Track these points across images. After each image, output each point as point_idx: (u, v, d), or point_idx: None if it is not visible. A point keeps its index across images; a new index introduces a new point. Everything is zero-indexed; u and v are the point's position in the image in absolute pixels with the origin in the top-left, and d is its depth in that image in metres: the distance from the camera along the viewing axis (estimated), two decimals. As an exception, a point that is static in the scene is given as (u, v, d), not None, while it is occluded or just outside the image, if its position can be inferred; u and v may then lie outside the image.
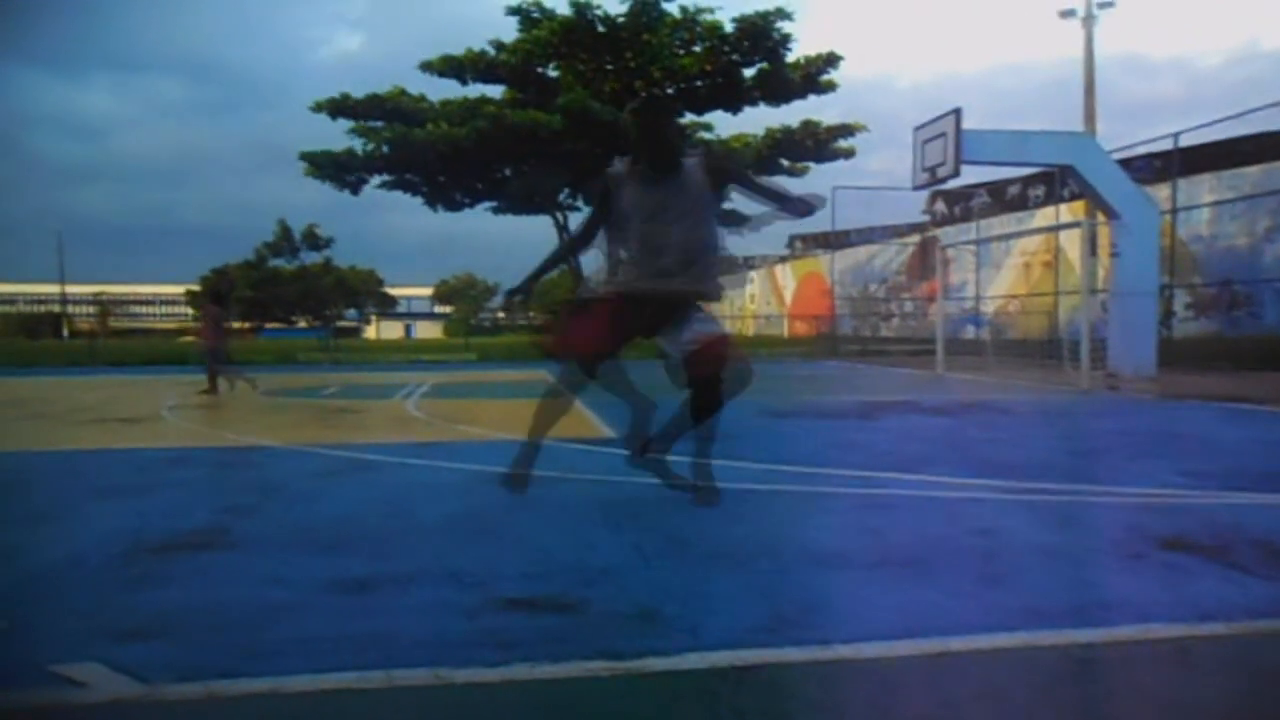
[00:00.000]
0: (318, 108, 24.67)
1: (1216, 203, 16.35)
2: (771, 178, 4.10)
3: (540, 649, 2.25)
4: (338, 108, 24.70)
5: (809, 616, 2.57)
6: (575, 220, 28.03)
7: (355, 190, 26.22)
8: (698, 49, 24.41)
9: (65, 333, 59.58)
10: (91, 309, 73.74)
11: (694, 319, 3.96)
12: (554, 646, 2.28)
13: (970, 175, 14.73)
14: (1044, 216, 20.93)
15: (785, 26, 23.51)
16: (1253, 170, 15.74)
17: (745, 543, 3.46)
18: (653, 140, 3.90)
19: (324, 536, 3.58)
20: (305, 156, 25.06)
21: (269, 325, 54.88)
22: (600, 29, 23.63)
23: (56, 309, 67.75)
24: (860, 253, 31.48)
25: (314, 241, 46.95)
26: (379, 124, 24.79)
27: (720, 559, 3.21)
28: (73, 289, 67.12)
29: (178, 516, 4.01)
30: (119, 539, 3.54)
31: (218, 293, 14.41)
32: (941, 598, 2.71)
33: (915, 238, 28.82)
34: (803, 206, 4.03)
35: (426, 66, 24.79)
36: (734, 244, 4.38)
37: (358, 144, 24.85)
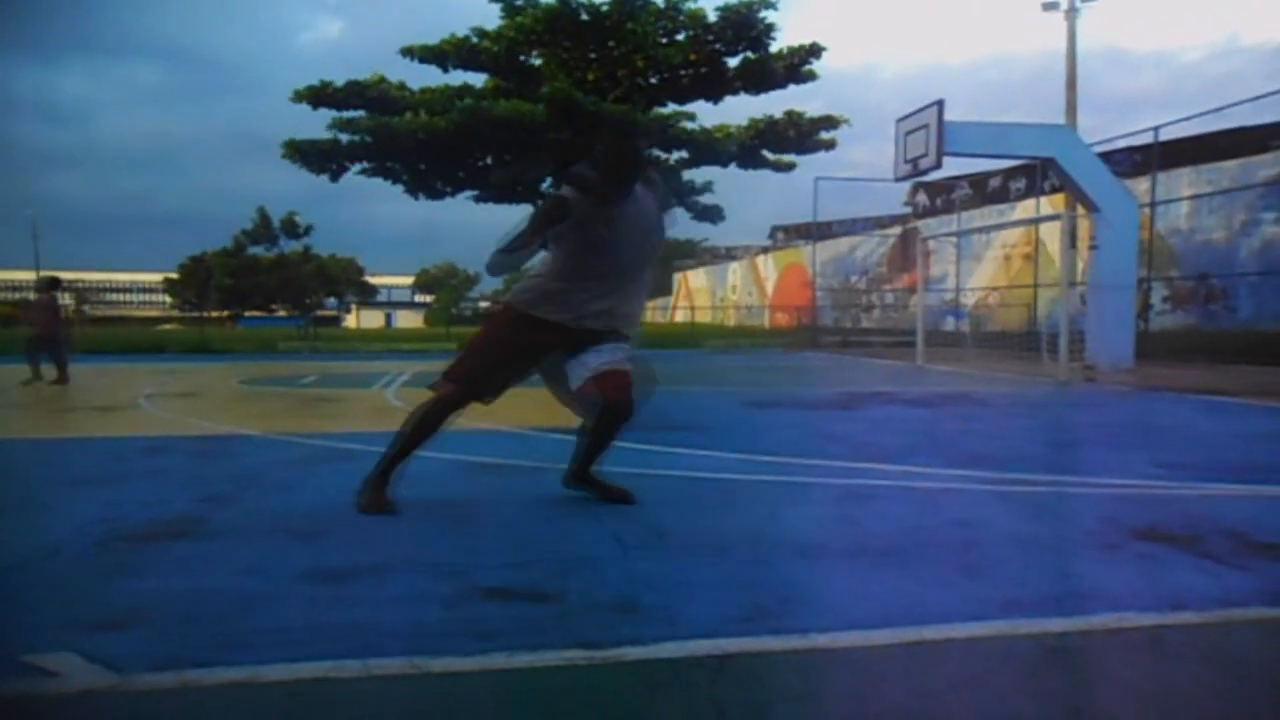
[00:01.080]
0: (297, 98, 24.40)
1: (1195, 196, 16.48)
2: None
3: (518, 638, 2.25)
4: (318, 96, 24.43)
5: (787, 606, 2.58)
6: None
7: (335, 177, 25.97)
8: (681, 38, 24.32)
9: (41, 320, 58.87)
10: (67, 297, 73.00)
11: (605, 345, 3.77)
12: (531, 636, 2.28)
13: (952, 167, 14.82)
14: (1024, 209, 21.04)
15: (769, 16, 23.49)
16: (1230, 165, 15.87)
17: (724, 533, 3.46)
18: (629, 166, 3.65)
19: (302, 526, 3.55)
20: (288, 145, 24.81)
21: (248, 314, 54.43)
22: (584, 17, 23.50)
23: (31, 296, 67.06)
24: (842, 244, 31.55)
25: (293, 229, 46.49)
26: (359, 113, 24.57)
27: (699, 549, 3.22)
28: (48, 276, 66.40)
29: (154, 506, 3.98)
30: (94, 528, 3.50)
31: (53, 280, 14.15)
32: (919, 587, 2.73)
33: (897, 229, 28.92)
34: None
35: (407, 52, 24.54)
36: (715, 232, 4.35)
37: (340, 136, 24.63)
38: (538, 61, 24.89)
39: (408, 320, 76.99)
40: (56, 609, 2.55)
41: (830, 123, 25.56)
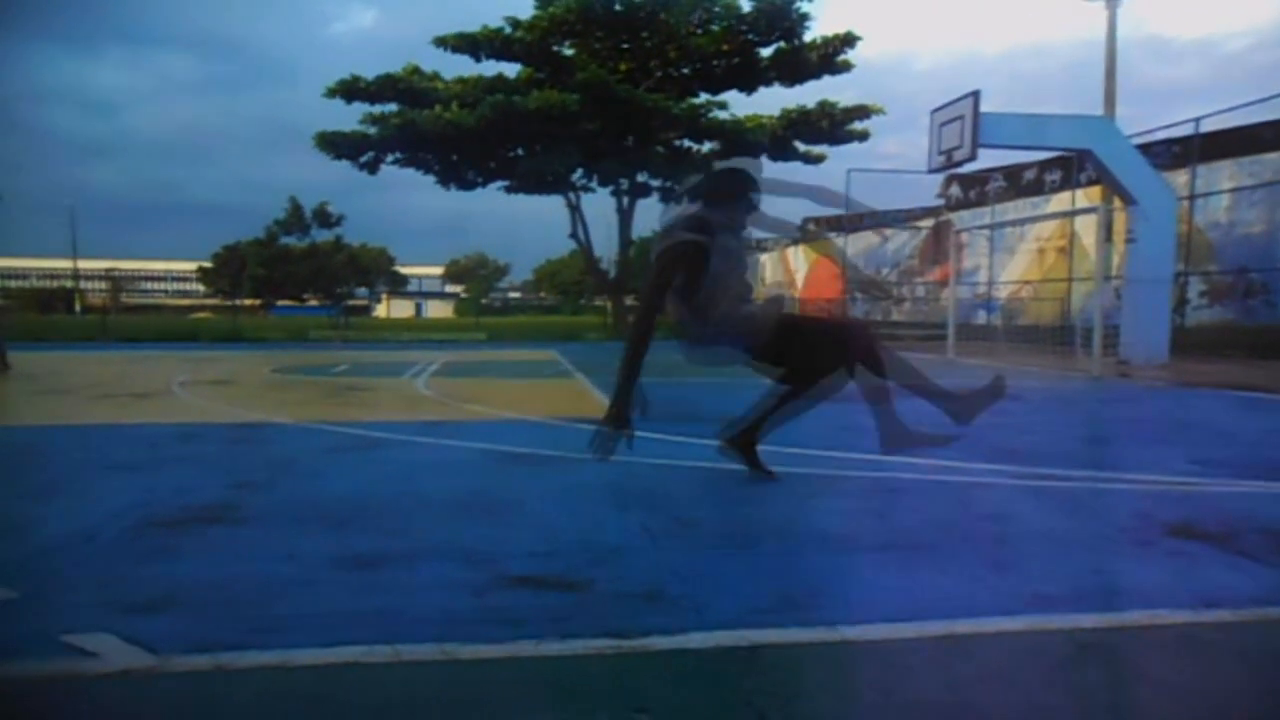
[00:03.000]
0: (330, 93, 24.60)
1: (1236, 189, 16.18)
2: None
3: (546, 627, 2.27)
4: (350, 90, 24.62)
5: (815, 598, 2.58)
6: (587, 201, 27.94)
7: (373, 169, 26.21)
8: (715, 28, 24.23)
9: (77, 308, 59.88)
10: (103, 284, 74.14)
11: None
12: (560, 624, 2.29)
13: (986, 159, 14.62)
14: (1059, 202, 20.75)
15: (803, 6, 23.33)
16: (1273, 156, 15.55)
17: (753, 524, 3.46)
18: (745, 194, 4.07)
19: (333, 513, 3.59)
20: (320, 138, 25.01)
21: (280, 303, 55.01)
22: (618, 7, 23.46)
23: (69, 284, 68.09)
24: (873, 236, 31.30)
25: (325, 219, 46.93)
26: (390, 107, 24.72)
27: (727, 540, 3.22)
28: (85, 264, 67.48)
29: (188, 492, 4.04)
30: (130, 513, 3.56)
31: None
32: (949, 581, 2.72)
33: (929, 222, 28.65)
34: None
35: (440, 42, 24.66)
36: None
37: (371, 130, 24.80)
38: (570, 51, 24.88)
39: (437, 310, 77.50)
40: (94, 591, 2.60)
41: (863, 112, 25.39)
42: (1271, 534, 3.27)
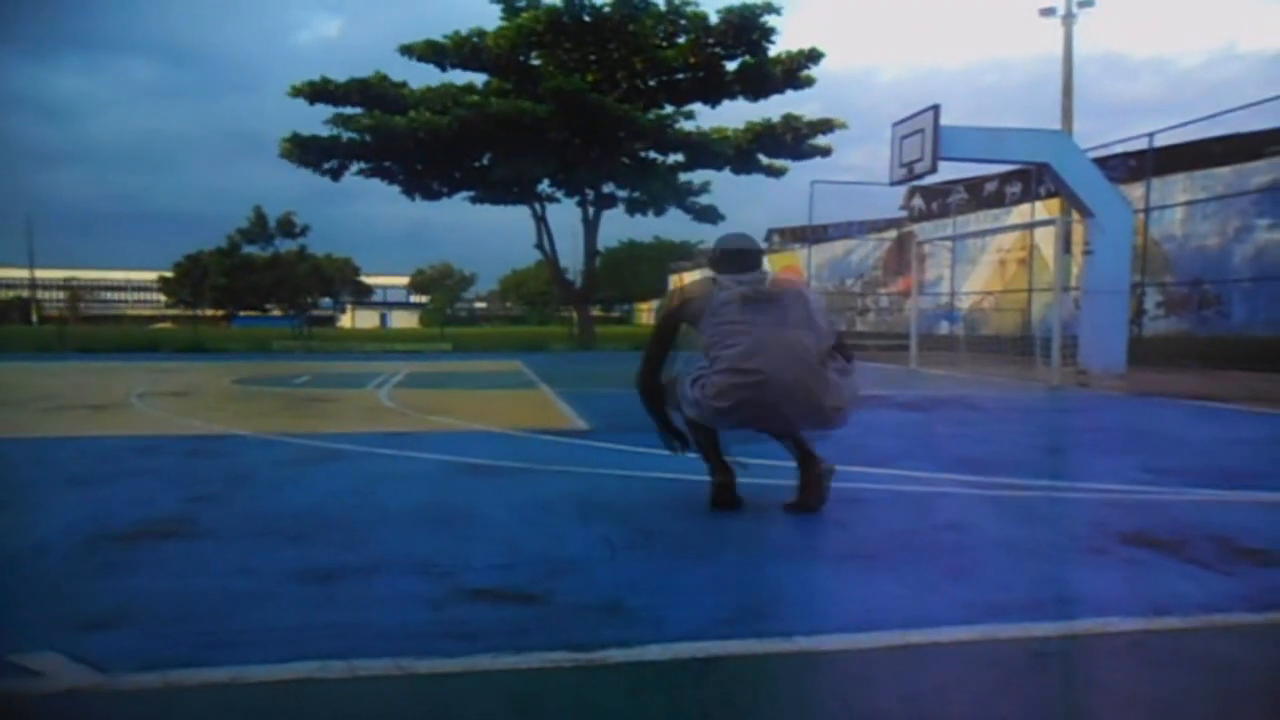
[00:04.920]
0: (296, 92, 24.35)
1: (1189, 202, 16.52)
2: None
3: (504, 640, 2.26)
4: (317, 92, 24.41)
5: (773, 609, 2.59)
6: (553, 212, 27.87)
7: (336, 176, 25.97)
8: (681, 40, 24.34)
9: (34, 318, 58.69)
10: (61, 294, 72.75)
11: None
12: (518, 637, 2.28)
13: (948, 171, 14.83)
14: (1020, 214, 21.07)
15: (770, 20, 23.50)
16: (1225, 171, 15.91)
17: (712, 535, 3.47)
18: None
19: (291, 526, 3.56)
20: (289, 141, 24.73)
21: (242, 313, 54.31)
22: (585, 18, 23.49)
23: (25, 294, 66.73)
24: (837, 247, 31.57)
25: (289, 229, 46.30)
26: (358, 110, 24.55)
27: (687, 551, 3.22)
28: (42, 274, 66.09)
29: (144, 505, 3.98)
30: (84, 527, 3.50)
31: None
32: (905, 591, 2.74)
33: (892, 233, 28.95)
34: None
35: (406, 50, 24.52)
36: (713, 233, 4.37)
37: (339, 133, 24.60)
38: (537, 62, 24.87)
39: (403, 320, 76.99)
40: (43, 608, 2.55)
41: (827, 126, 25.58)
42: (1222, 541, 3.33)
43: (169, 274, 57.26)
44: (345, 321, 73.51)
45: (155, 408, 8.59)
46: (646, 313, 53.41)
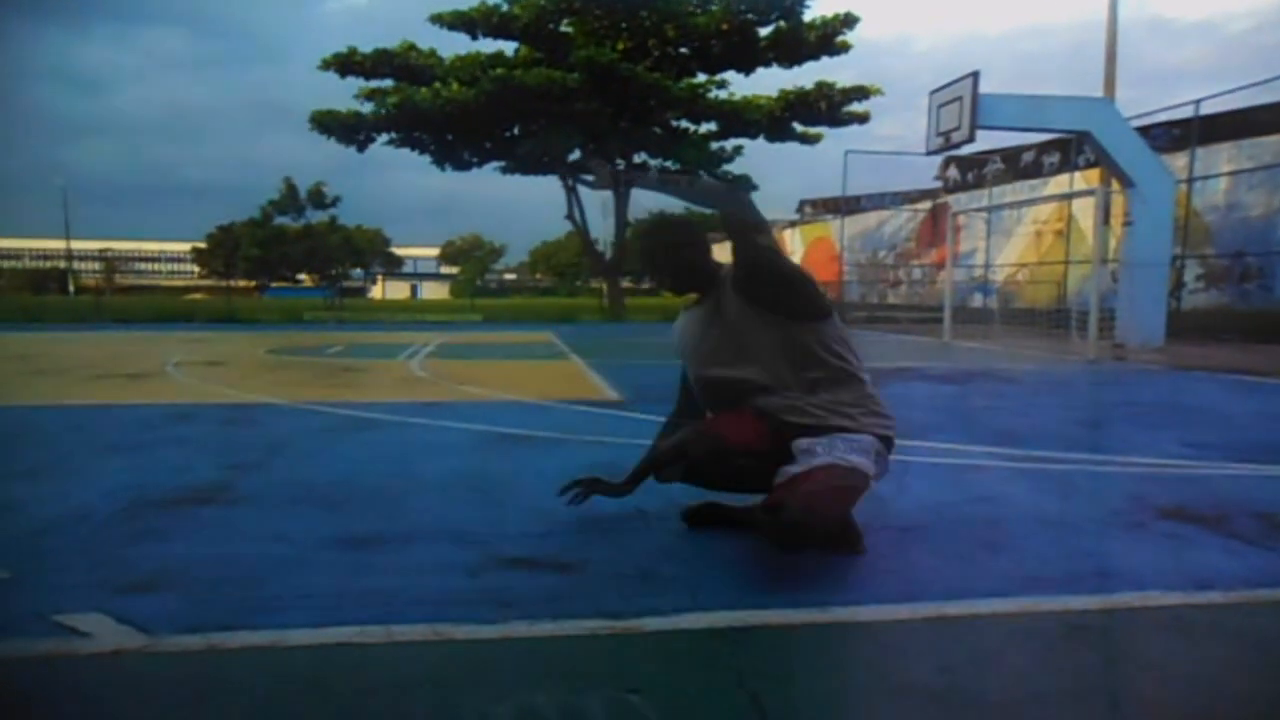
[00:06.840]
0: (325, 65, 24.40)
1: (1234, 172, 16.15)
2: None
3: (539, 607, 2.27)
4: (345, 64, 24.43)
5: (808, 579, 2.58)
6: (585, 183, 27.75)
7: (362, 148, 26.02)
8: (714, 7, 24.03)
9: (71, 289, 59.63)
10: (97, 265, 73.80)
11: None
12: (553, 605, 2.29)
13: (984, 141, 14.58)
14: (1057, 184, 20.73)
15: (804, -15, 23.13)
16: (1273, 139, 15.52)
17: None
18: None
19: (327, 494, 3.59)
20: (315, 118, 24.82)
21: (274, 284, 54.80)
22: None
23: (62, 265, 67.78)
24: (870, 218, 31.27)
25: (320, 200, 46.56)
26: (386, 83, 24.54)
27: (721, 521, 3.21)
28: (78, 245, 67.09)
29: (182, 472, 4.04)
30: (124, 494, 3.56)
31: None
32: (941, 563, 2.72)
33: (926, 204, 28.60)
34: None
35: (436, 19, 24.43)
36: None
37: (365, 108, 24.61)
38: (568, 29, 24.67)
39: (433, 291, 77.37)
40: (87, 571, 2.59)
41: (862, 93, 25.23)
42: (1264, 516, 3.28)
43: (202, 245, 57.83)
44: (376, 293, 74.03)
45: (191, 376, 8.71)
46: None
